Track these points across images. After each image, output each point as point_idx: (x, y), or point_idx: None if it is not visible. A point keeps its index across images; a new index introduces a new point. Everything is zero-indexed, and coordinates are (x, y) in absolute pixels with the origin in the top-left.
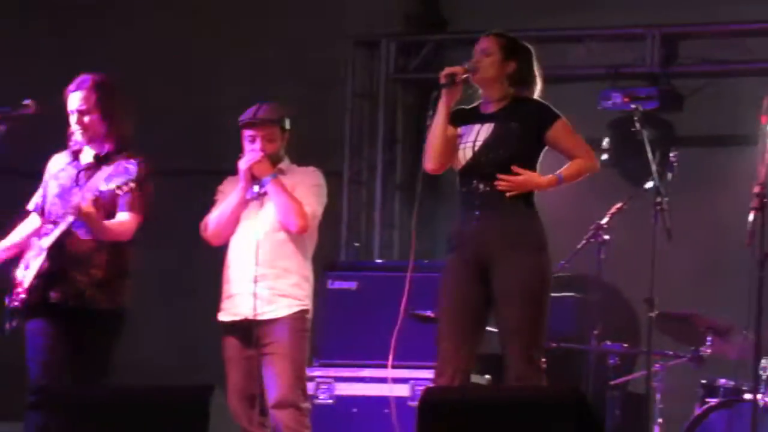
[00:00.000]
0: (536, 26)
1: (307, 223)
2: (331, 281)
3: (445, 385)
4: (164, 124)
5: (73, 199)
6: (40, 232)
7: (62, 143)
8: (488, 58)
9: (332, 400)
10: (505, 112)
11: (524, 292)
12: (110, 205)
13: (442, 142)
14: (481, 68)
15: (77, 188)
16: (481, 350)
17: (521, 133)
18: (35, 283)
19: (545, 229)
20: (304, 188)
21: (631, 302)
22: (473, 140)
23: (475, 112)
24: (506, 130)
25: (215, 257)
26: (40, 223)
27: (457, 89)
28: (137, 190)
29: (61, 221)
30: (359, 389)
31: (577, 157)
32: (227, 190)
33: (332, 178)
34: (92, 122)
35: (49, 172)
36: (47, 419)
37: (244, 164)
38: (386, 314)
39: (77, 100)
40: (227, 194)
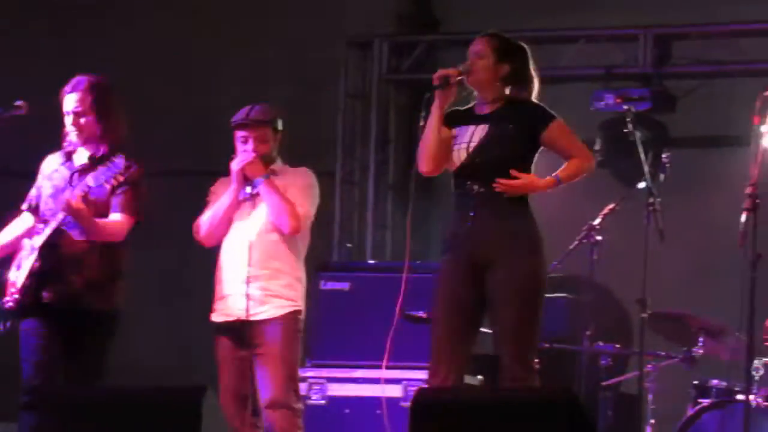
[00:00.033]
0: (528, 27)
1: (299, 224)
2: (323, 282)
3: (438, 385)
4: (164, 124)
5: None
6: (32, 231)
7: (55, 144)
8: (481, 60)
9: (325, 400)
10: (499, 113)
11: (519, 293)
12: (103, 206)
13: (436, 144)
14: (474, 71)
15: (70, 189)
16: (473, 351)
17: (516, 134)
18: (27, 283)
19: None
20: (296, 189)
21: (623, 303)
22: (468, 141)
23: (469, 113)
24: (501, 131)
25: (212, 258)
26: (33, 222)
27: (450, 91)
28: (130, 191)
29: (52, 220)
30: (352, 390)
31: (574, 157)
32: (219, 191)
33: (324, 178)
34: (88, 124)
35: (42, 173)
36: (41, 419)
37: (236, 165)
38: (379, 315)
39: (73, 101)
40: (219, 195)
